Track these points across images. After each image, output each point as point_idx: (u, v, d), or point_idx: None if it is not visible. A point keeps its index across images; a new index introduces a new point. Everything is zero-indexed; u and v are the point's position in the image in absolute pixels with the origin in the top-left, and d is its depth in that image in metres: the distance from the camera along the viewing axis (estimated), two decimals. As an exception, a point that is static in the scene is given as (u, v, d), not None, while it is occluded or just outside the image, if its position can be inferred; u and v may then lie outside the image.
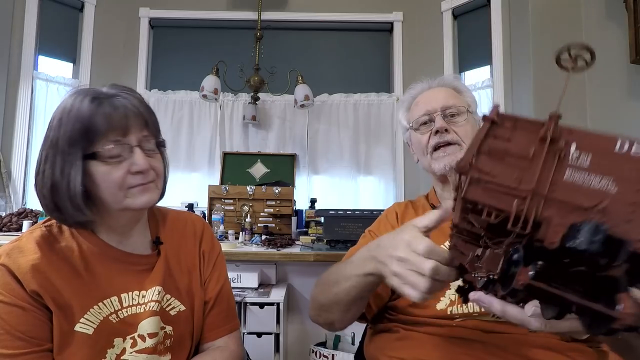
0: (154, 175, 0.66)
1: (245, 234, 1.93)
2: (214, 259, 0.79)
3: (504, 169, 0.28)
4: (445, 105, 0.83)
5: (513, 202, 0.27)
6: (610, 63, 1.91)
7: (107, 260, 0.66)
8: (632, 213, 0.24)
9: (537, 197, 0.26)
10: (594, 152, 0.27)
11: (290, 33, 2.86)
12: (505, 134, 0.29)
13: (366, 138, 2.76)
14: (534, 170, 0.27)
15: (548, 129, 0.28)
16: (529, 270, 0.26)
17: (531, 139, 0.29)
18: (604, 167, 0.26)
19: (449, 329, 0.70)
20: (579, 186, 0.26)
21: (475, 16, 2.49)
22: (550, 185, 0.27)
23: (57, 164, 0.60)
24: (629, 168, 0.25)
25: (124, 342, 0.64)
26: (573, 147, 0.28)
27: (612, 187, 0.25)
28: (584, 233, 0.23)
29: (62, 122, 0.60)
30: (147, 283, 0.69)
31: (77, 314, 0.61)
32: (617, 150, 0.26)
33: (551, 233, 0.25)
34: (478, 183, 0.29)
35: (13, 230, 1.75)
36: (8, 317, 0.56)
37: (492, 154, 0.29)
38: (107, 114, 0.60)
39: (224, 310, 0.78)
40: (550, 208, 0.26)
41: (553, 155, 0.28)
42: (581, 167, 0.27)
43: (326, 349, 1.55)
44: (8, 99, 2.34)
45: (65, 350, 0.59)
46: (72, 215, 0.61)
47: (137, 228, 0.71)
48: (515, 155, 0.28)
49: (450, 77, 0.94)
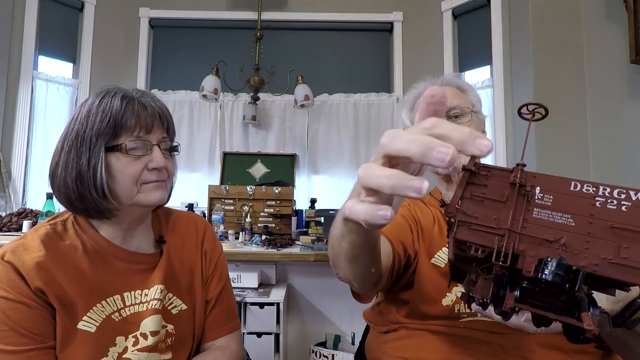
0: (166, 175, 0.69)
1: (245, 234, 1.93)
2: (215, 258, 0.80)
3: (484, 211, 0.34)
4: (449, 106, 0.82)
5: (494, 240, 0.32)
6: (610, 63, 1.91)
7: (111, 259, 0.67)
8: (587, 242, 0.30)
9: (512, 234, 0.32)
10: (554, 193, 0.33)
11: (290, 33, 2.86)
12: (482, 181, 0.35)
13: (366, 138, 2.76)
14: (508, 211, 0.33)
15: (515, 175, 0.33)
16: (514, 295, 0.31)
17: (504, 184, 0.34)
18: (563, 205, 0.32)
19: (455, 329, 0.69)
20: (545, 222, 0.32)
21: (475, 16, 2.49)
22: (522, 223, 0.32)
23: (83, 155, 0.62)
24: (581, 204, 0.31)
25: (126, 341, 0.65)
26: (538, 190, 0.33)
27: (570, 221, 0.31)
28: (549, 267, 0.29)
29: (91, 115, 0.63)
30: (149, 282, 0.70)
31: (80, 311, 0.61)
32: (571, 189, 0.32)
33: (527, 264, 0.30)
34: (464, 225, 0.34)
35: (13, 230, 1.75)
36: (12, 313, 0.57)
37: (473, 199, 0.34)
38: (136, 112, 0.64)
39: (225, 309, 0.79)
40: (524, 242, 0.32)
41: (522, 198, 0.33)
42: (546, 205, 0.32)
43: (326, 349, 1.55)
44: (8, 99, 2.34)
45: (67, 347, 0.60)
46: (96, 203, 0.63)
47: (141, 227, 0.72)
48: (492, 199, 0.34)
49: (453, 76, 0.92)
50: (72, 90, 2.62)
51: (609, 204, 0.31)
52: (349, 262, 0.55)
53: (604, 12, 1.96)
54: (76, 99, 2.62)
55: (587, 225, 0.31)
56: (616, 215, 0.31)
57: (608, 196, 0.32)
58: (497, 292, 0.33)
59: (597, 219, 0.31)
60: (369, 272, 0.59)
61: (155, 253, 0.73)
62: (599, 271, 0.30)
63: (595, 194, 0.32)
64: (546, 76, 2.04)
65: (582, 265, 0.30)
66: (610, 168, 1.91)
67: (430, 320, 0.72)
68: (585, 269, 0.29)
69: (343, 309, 1.66)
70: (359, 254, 0.53)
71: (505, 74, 2.27)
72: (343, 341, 1.63)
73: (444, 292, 0.72)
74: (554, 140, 2.00)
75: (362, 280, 0.63)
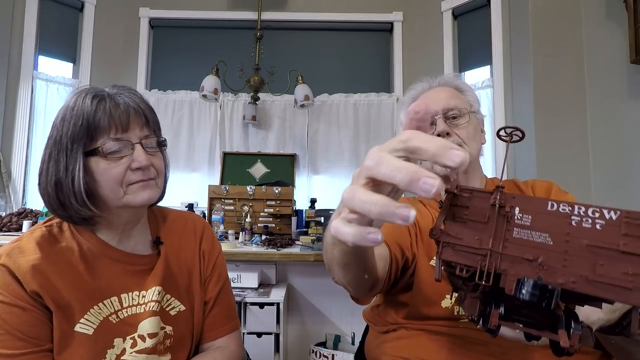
0: (155, 172, 0.67)
1: (245, 234, 1.93)
2: (214, 258, 0.79)
3: (467, 232, 0.35)
4: (447, 107, 0.82)
5: (477, 260, 0.33)
6: (610, 63, 1.91)
7: (107, 261, 0.66)
8: (565, 260, 0.31)
9: (494, 254, 0.33)
10: (532, 213, 0.34)
11: (290, 33, 2.86)
12: (465, 202, 0.36)
13: (366, 138, 2.76)
14: (489, 231, 0.34)
15: (495, 197, 0.35)
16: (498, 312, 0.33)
17: (484, 206, 0.35)
18: (541, 224, 0.33)
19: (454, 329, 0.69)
20: (525, 241, 0.33)
21: (475, 16, 2.49)
22: (503, 243, 0.33)
23: (60, 161, 0.61)
24: (558, 223, 0.33)
25: (124, 343, 0.64)
26: (517, 210, 0.34)
27: (548, 240, 0.33)
28: (526, 287, 0.30)
29: (65, 120, 0.61)
30: (147, 283, 0.69)
31: (77, 314, 0.61)
32: (548, 209, 0.34)
33: (508, 282, 0.32)
34: (449, 245, 0.35)
35: (13, 230, 1.75)
36: (8, 317, 0.56)
37: (456, 220, 0.36)
38: (108, 111, 0.61)
39: (225, 310, 0.78)
40: (505, 262, 0.33)
41: (503, 218, 0.34)
42: (525, 225, 0.34)
43: (326, 349, 1.55)
44: (8, 99, 2.34)
45: (65, 350, 0.59)
46: (77, 210, 0.61)
47: (137, 228, 0.71)
48: (474, 220, 0.35)
49: (451, 75, 0.91)
50: (72, 90, 2.62)
51: (584, 223, 0.32)
52: (341, 269, 0.55)
53: (604, 12, 1.96)
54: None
55: (564, 243, 0.32)
56: (591, 233, 0.32)
57: (583, 215, 0.33)
58: (483, 309, 0.35)
59: (573, 237, 0.32)
60: (362, 279, 0.59)
61: (153, 254, 0.73)
62: (577, 288, 0.31)
63: (571, 213, 0.33)
64: (546, 76, 2.04)
65: (560, 282, 0.31)
66: (610, 168, 1.91)
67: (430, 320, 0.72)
68: (563, 286, 0.31)
69: (343, 309, 1.66)
70: (350, 261, 0.53)
71: (505, 74, 2.27)
72: (343, 341, 1.63)
73: (444, 294, 0.72)
74: (553, 141, 2.00)
75: (356, 286, 0.64)
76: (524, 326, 0.33)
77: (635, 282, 0.30)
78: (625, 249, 0.31)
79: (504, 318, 0.33)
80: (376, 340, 0.81)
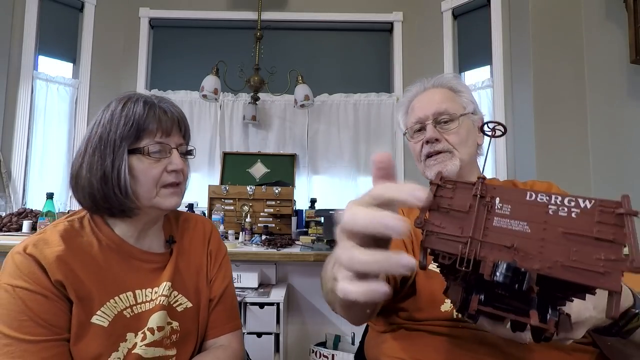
0: (182, 177, 0.72)
1: (245, 234, 1.93)
2: (220, 259, 0.83)
3: (449, 221, 0.37)
4: (437, 112, 0.81)
5: (458, 247, 0.35)
6: (610, 63, 1.91)
7: (124, 257, 0.70)
8: (542, 247, 0.33)
9: (474, 241, 0.35)
10: (512, 203, 0.36)
11: (290, 33, 2.86)
12: (448, 193, 0.38)
13: (366, 138, 2.76)
14: (470, 220, 0.36)
15: (477, 188, 0.37)
16: (478, 298, 0.34)
17: (467, 196, 0.37)
18: (520, 213, 0.35)
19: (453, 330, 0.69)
20: (504, 230, 0.35)
21: (475, 16, 2.49)
22: (484, 231, 0.35)
23: (107, 157, 0.65)
24: (536, 212, 0.34)
25: (135, 337, 0.66)
26: (497, 200, 0.36)
27: (526, 228, 0.34)
28: (500, 269, 0.32)
29: (114, 120, 0.67)
30: (159, 280, 0.72)
31: (95, 306, 0.63)
32: (527, 199, 0.35)
33: (487, 269, 0.33)
34: (432, 234, 0.37)
35: (13, 230, 1.75)
36: (32, 304, 0.58)
37: (440, 210, 0.37)
38: (158, 116, 0.68)
39: (228, 308, 0.81)
40: (484, 249, 0.34)
41: (484, 208, 0.36)
42: (505, 214, 0.35)
43: (326, 349, 1.55)
44: (8, 99, 2.34)
45: (81, 340, 0.61)
46: (121, 202, 0.66)
47: (154, 228, 0.76)
48: (457, 210, 0.37)
49: (447, 76, 0.89)
50: (72, 90, 2.62)
51: (560, 212, 0.34)
52: (344, 309, 0.58)
53: (604, 12, 1.96)
54: (76, 99, 2.62)
55: (541, 231, 0.34)
56: (567, 221, 0.34)
57: (559, 204, 0.34)
58: (465, 296, 0.36)
59: (550, 225, 0.34)
60: (364, 314, 0.63)
61: (166, 252, 0.76)
62: (552, 273, 0.32)
63: (548, 202, 0.35)
64: (546, 76, 2.04)
65: (536, 267, 0.32)
66: (610, 168, 1.91)
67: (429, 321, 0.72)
68: (539, 271, 0.32)
69: (343, 309, 1.66)
70: (354, 304, 0.54)
71: (505, 74, 2.27)
72: (343, 341, 1.63)
73: (443, 298, 0.72)
74: (553, 140, 2.00)
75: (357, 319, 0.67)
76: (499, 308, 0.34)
77: (607, 267, 0.31)
78: (598, 235, 0.32)
79: (484, 304, 0.34)
80: (375, 340, 0.81)
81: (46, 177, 2.47)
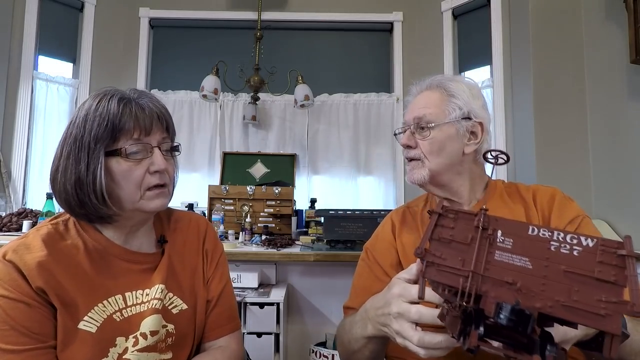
0: (168, 178, 0.68)
1: (245, 234, 1.93)
2: (216, 258, 0.80)
3: (451, 252, 0.37)
4: (417, 116, 0.79)
5: (459, 280, 0.35)
6: (610, 63, 1.91)
7: (113, 259, 0.67)
8: (543, 285, 0.33)
9: (476, 275, 0.35)
10: (514, 236, 0.36)
11: (290, 33, 2.86)
12: (450, 223, 0.38)
13: (366, 138, 2.76)
14: (472, 253, 0.36)
15: (479, 219, 0.36)
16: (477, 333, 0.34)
17: (469, 227, 0.37)
18: (522, 248, 0.35)
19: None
20: (506, 264, 0.35)
21: (475, 16, 2.49)
22: (485, 264, 0.35)
23: (81, 160, 0.61)
24: (538, 247, 0.34)
25: (126, 341, 0.64)
26: (499, 233, 0.36)
27: (528, 264, 0.34)
28: (504, 312, 0.31)
29: (88, 120, 0.62)
30: (151, 281, 0.69)
31: (82, 311, 0.61)
32: (529, 233, 0.35)
33: (488, 304, 0.33)
34: (433, 265, 0.37)
35: (13, 230, 1.75)
36: (13, 313, 0.57)
37: (441, 241, 0.38)
38: (134, 114, 0.63)
39: (226, 309, 0.78)
40: (486, 284, 0.34)
41: (486, 240, 0.36)
42: (506, 248, 0.35)
43: (326, 349, 1.55)
44: (8, 99, 2.34)
45: (68, 347, 0.60)
46: (96, 208, 0.62)
47: (143, 228, 0.72)
48: (458, 241, 0.37)
49: (444, 77, 0.85)
50: (72, 90, 2.62)
51: (562, 249, 0.34)
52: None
53: (604, 12, 1.96)
54: (76, 99, 2.62)
55: (543, 268, 0.34)
56: (568, 259, 0.34)
57: (562, 241, 0.34)
58: (463, 328, 0.36)
59: (551, 262, 0.34)
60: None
61: (157, 253, 0.73)
62: (553, 313, 0.32)
63: (550, 238, 0.35)
64: (546, 76, 2.04)
65: (537, 306, 0.33)
66: (610, 168, 1.91)
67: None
68: (540, 310, 0.32)
69: (343, 309, 1.66)
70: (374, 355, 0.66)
71: (505, 74, 2.27)
72: (343, 341, 1.62)
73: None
74: (554, 141, 2.00)
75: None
76: (503, 345, 0.34)
77: (608, 309, 0.31)
78: (599, 276, 0.32)
79: (484, 336, 0.34)
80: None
81: (46, 177, 2.46)
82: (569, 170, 1.98)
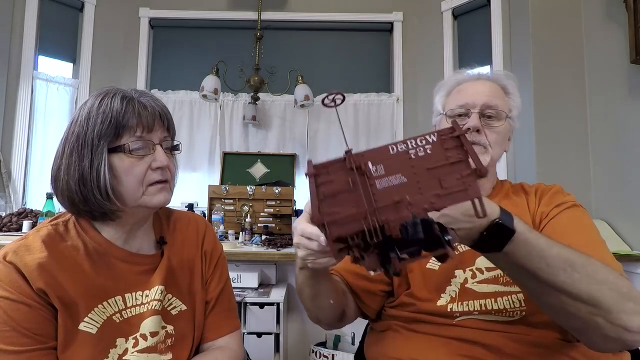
0: (169, 175, 0.69)
1: (245, 234, 1.93)
2: (215, 259, 0.80)
3: (342, 203, 0.38)
4: (488, 104, 0.78)
5: (361, 222, 0.37)
6: (610, 63, 1.91)
7: (112, 260, 0.67)
8: (420, 189, 0.37)
9: (372, 210, 0.37)
10: (382, 162, 0.38)
11: (290, 33, 2.85)
12: (327, 178, 0.40)
13: (366, 138, 2.76)
14: (359, 193, 0.38)
15: (349, 161, 0.39)
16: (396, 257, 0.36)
17: (344, 173, 0.39)
18: (392, 168, 0.38)
19: (449, 329, 0.70)
20: (388, 189, 0.37)
21: (475, 16, 2.49)
22: (374, 197, 0.37)
23: (85, 157, 0.62)
24: (403, 161, 0.38)
25: (126, 342, 0.64)
26: (370, 165, 0.39)
27: (403, 179, 0.37)
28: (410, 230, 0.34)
29: (92, 117, 0.63)
30: (150, 283, 0.70)
31: (82, 312, 0.61)
32: (392, 153, 0.38)
33: (393, 230, 0.35)
34: (334, 223, 0.38)
35: (13, 230, 1.75)
36: (14, 314, 0.57)
37: (328, 198, 0.39)
38: (137, 111, 0.64)
39: (225, 310, 0.79)
40: (383, 213, 0.36)
41: (363, 176, 0.38)
42: (381, 175, 0.38)
43: (326, 349, 1.55)
44: (8, 99, 2.34)
45: (69, 348, 0.60)
46: (100, 205, 0.63)
47: (143, 228, 0.72)
48: (342, 190, 0.39)
49: (503, 73, 0.86)
50: (72, 90, 2.62)
51: (419, 152, 0.38)
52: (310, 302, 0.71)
53: (604, 12, 1.96)
54: (76, 99, 2.62)
55: (414, 175, 0.37)
56: (427, 159, 0.38)
57: (416, 146, 0.38)
58: (382, 260, 0.38)
59: (417, 168, 0.38)
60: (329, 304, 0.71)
61: (156, 254, 0.73)
62: (437, 205, 0.36)
63: (407, 148, 0.39)
64: (546, 76, 2.04)
65: (426, 207, 0.36)
66: (610, 168, 1.91)
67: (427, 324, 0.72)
68: (427, 210, 0.36)
69: (343, 309, 1.66)
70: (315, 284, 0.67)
71: (505, 74, 2.27)
72: (343, 341, 1.63)
73: (440, 292, 0.73)
74: (554, 140, 2.00)
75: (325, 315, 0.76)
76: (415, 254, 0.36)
77: (466, 182, 0.36)
78: (451, 160, 0.37)
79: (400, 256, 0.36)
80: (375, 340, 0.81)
81: (46, 177, 2.47)
82: (569, 170, 1.98)
